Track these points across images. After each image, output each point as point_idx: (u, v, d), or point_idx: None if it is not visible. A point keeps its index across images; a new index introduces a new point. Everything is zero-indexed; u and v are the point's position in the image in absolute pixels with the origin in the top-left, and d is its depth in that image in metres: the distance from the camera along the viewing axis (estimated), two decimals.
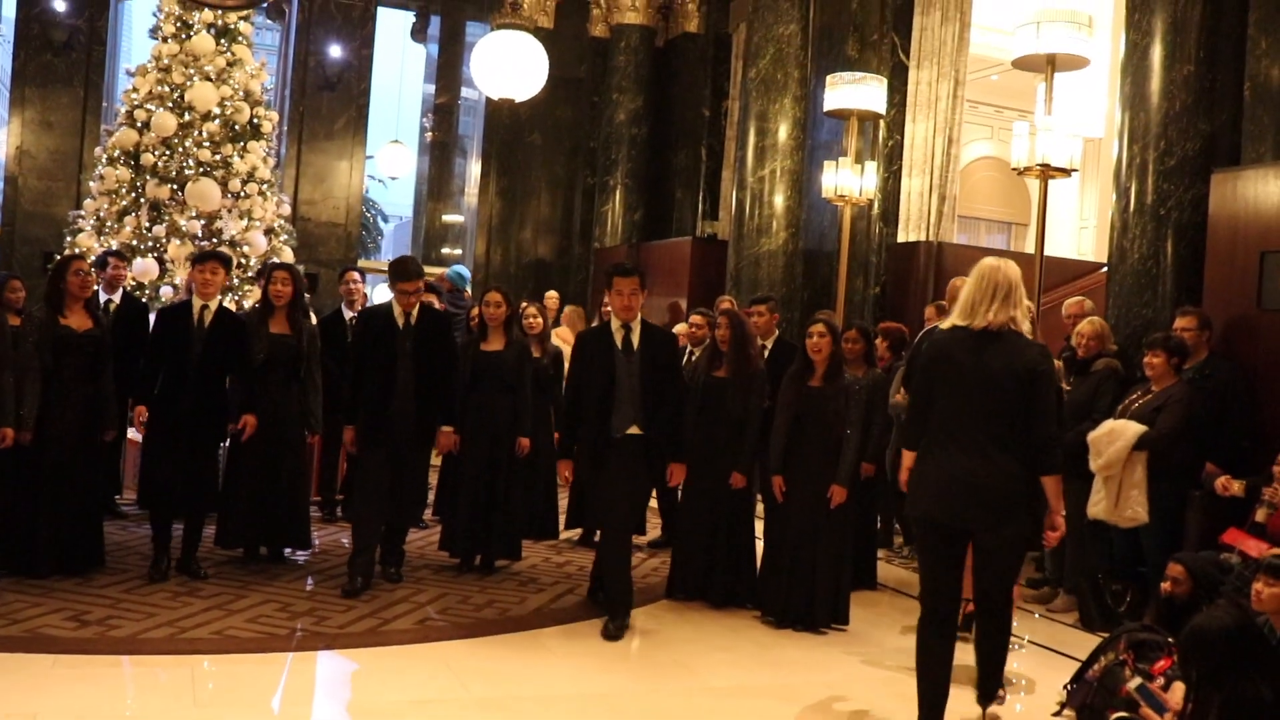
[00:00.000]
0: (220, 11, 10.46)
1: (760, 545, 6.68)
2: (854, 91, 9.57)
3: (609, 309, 6.16)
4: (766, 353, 7.08)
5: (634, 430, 5.86)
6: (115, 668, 4.91)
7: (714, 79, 15.70)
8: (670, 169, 16.11)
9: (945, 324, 4.62)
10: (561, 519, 8.11)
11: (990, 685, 4.68)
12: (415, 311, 6.42)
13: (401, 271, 6.49)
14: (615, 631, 5.78)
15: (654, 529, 7.99)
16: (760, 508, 6.86)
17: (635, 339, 5.91)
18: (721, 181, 15.36)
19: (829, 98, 9.76)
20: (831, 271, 11.23)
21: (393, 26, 20.48)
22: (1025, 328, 4.44)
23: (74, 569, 6.16)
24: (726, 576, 6.56)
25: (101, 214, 10.30)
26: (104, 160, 10.60)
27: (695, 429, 6.47)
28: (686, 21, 16.21)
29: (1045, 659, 5.94)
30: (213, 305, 6.41)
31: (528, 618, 6.09)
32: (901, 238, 11.17)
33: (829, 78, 9.86)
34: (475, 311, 7.47)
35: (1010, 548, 4.44)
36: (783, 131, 11.49)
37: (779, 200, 11.55)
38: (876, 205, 11.20)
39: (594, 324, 7.85)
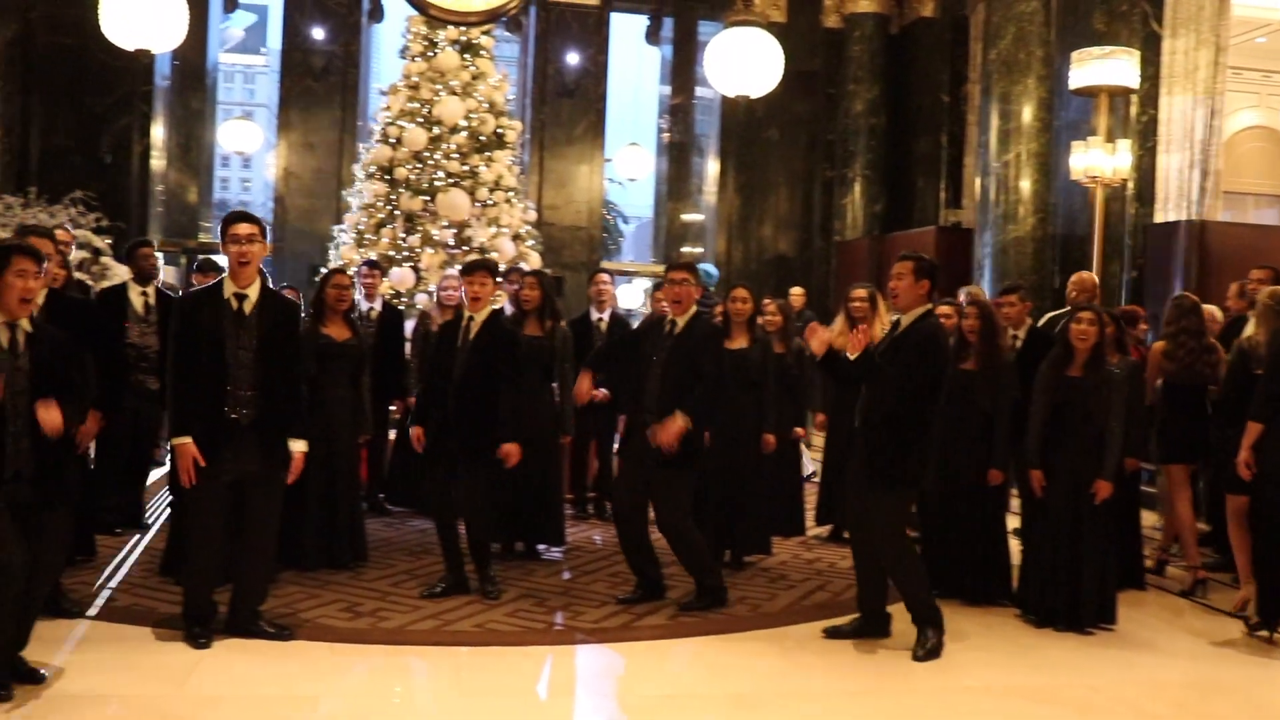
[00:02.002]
0: (463, 27, 10.84)
1: (1014, 541, 6.46)
2: (1103, 67, 9.16)
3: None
4: (1019, 343, 6.85)
5: None
6: (386, 656, 5.15)
7: (952, 63, 15.33)
8: (910, 158, 15.80)
9: None
10: (809, 514, 8.06)
11: None
12: (683, 320, 6.01)
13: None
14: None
15: None
16: (1015, 503, 6.64)
17: None
18: (964, 168, 14.97)
19: (1075, 75, 9.38)
20: (1084, 256, 10.76)
21: (627, 30, 20.78)
22: None
23: (340, 563, 6.52)
24: (980, 573, 6.38)
25: (360, 227, 10.85)
26: (361, 176, 11.17)
27: (943, 423, 6.29)
28: (921, 6, 15.86)
29: None
30: (479, 316, 6.17)
31: (779, 614, 6.07)
32: (1159, 218, 10.62)
33: (1075, 54, 9.47)
34: (719, 309, 7.48)
35: None
36: (1027, 113, 11.09)
37: (1026, 185, 11.15)
38: (1131, 185, 10.70)
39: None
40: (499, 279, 6.84)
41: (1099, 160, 9.42)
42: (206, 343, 5.03)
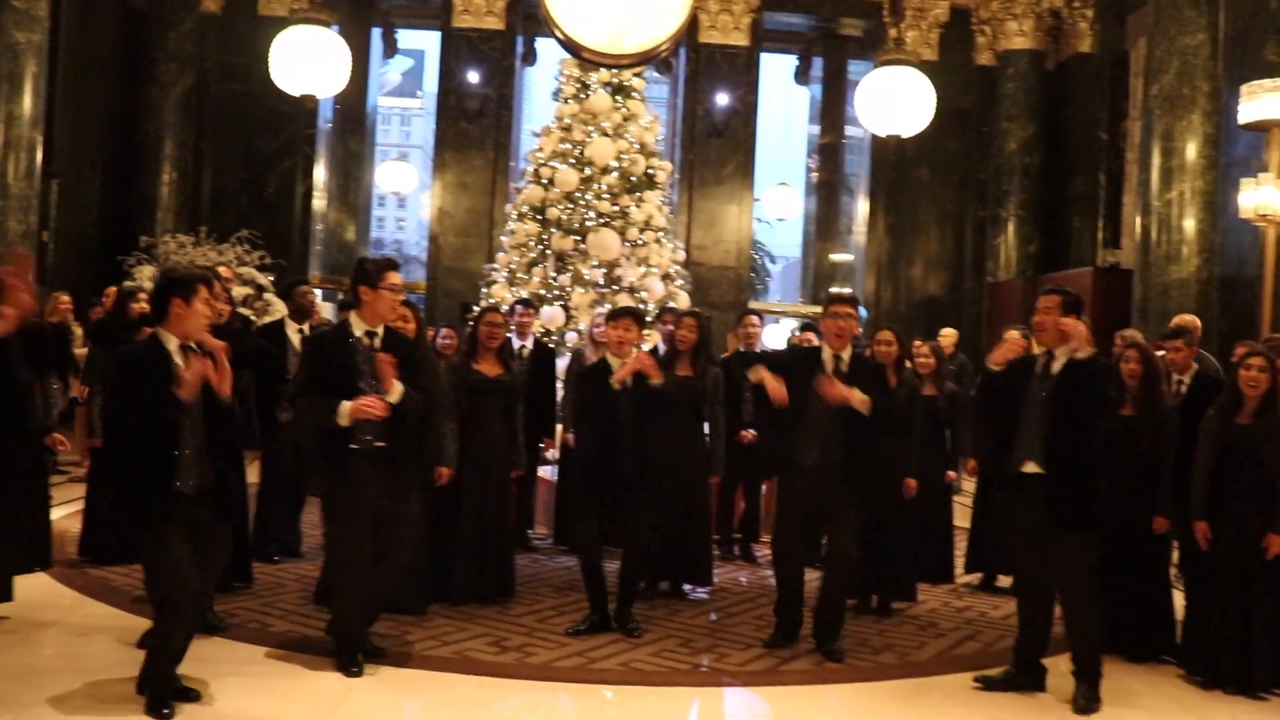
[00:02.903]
0: (616, 70, 10.99)
1: (1178, 595, 6.20)
2: (1275, 100, 8.81)
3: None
4: (1183, 388, 6.60)
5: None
6: (532, 692, 5.18)
7: (1111, 100, 14.96)
8: (1066, 197, 15.44)
9: None
10: (959, 561, 7.88)
11: None
12: (846, 354, 5.93)
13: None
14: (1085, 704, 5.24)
15: None
16: (1176, 555, 6.38)
17: None
18: (1123, 207, 14.56)
19: (1245, 109, 9.05)
20: (1254, 299, 10.34)
21: (776, 70, 20.86)
22: None
23: (487, 597, 6.59)
24: (1142, 628, 6.12)
25: (512, 266, 11.03)
26: (513, 216, 11.37)
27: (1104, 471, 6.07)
28: (1079, 41, 15.55)
29: None
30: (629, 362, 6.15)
31: (927, 663, 5.93)
32: None
33: (1244, 88, 9.14)
34: (867, 352, 7.39)
35: None
36: (1191, 150, 10.73)
37: (1189, 224, 10.78)
38: None
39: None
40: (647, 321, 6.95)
41: (1270, 198, 9.05)
42: (339, 376, 5.18)
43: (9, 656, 5.04)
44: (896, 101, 10.22)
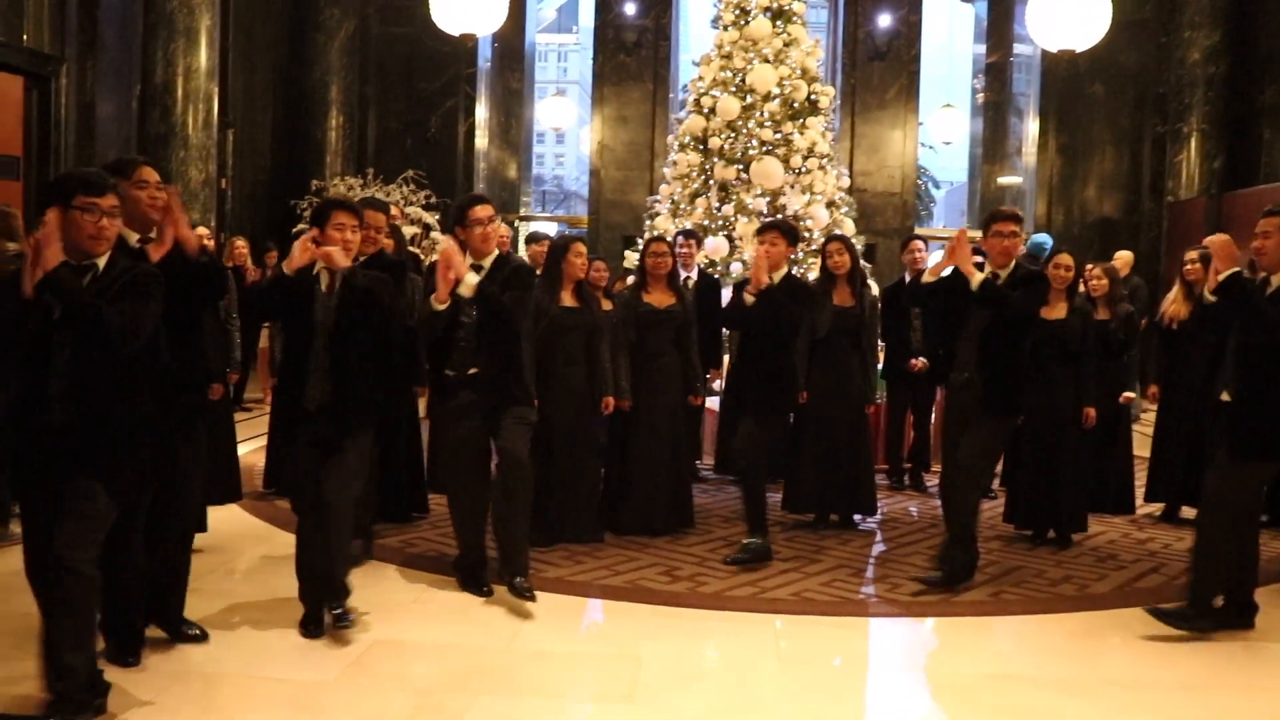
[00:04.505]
0: None
1: None
2: None
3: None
4: None
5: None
6: (704, 621, 5.22)
7: None
8: (1255, 108, 14.60)
9: None
10: (1140, 491, 7.65)
11: None
12: (1005, 272, 5.75)
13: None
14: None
15: None
16: None
17: None
18: None
19: None
20: None
21: None
22: None
23: (663, 529, 6.65)
24: None
25: (675, 197, 10.99)
26: (675, 147, 11.30)
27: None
28: None
29: None
30: (777, 277, 6.24)
31: (1108, 595, 5.78)
32: None
33: None
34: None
35: None
36: None
37: None
38: None
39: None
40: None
41: None
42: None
43: (207, 583, 5.30)
44: (1070, 15, 9.81)
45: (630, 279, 7.52)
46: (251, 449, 8.39)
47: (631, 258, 10.16)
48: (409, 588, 5.52)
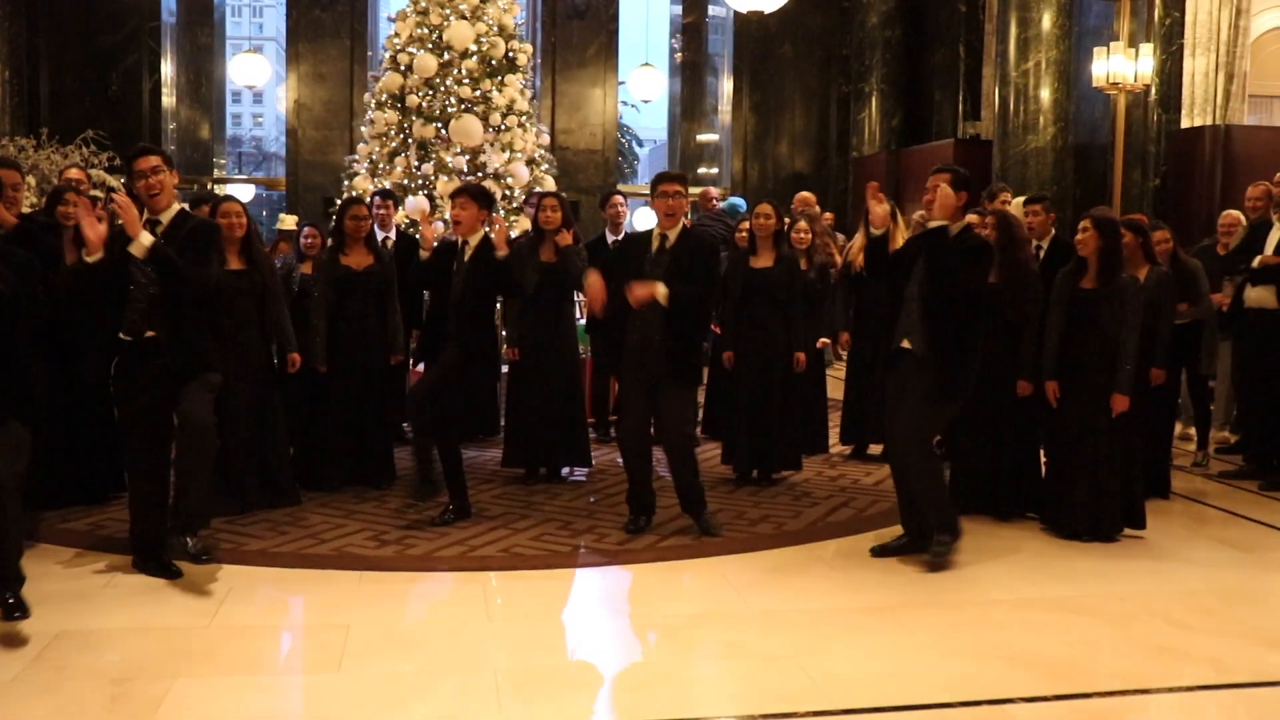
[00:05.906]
0: None
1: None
2: None
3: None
4: (1043, 254, 6.75)
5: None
6: (414, 583, 5.18)
7: None
8: (927, 70, 15.56)
9: None
10: (833, 433, 8.05)
11: None
12: (674, 233, 5.88)
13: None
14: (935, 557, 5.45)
15: None
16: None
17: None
18: (982, 80, 14.73)
19: None
20: (1106, 165, 10.63)
21: None
22: None
23: (367, 481, 6.69)
24: (1010, 488, 6.33)
25: (374, 157, 10.73)
26: (372, 105, 11.02)
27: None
28: None
29: None
30: (474, 240, 6.17)
31: (803, 532, 6.07)
32: (1185, 124, 10.42)
33: None
34: (745, 227, 7.41)
35: None
36: (1046, 20, 10.88)
37: (1045, 94, 10.98)
38: (1154, 91, 10.49)
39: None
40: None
41: (1121, 66, 9.25)
42: None
43: None
44: None
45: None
46: None
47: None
48: (98, 574, 5.20)
